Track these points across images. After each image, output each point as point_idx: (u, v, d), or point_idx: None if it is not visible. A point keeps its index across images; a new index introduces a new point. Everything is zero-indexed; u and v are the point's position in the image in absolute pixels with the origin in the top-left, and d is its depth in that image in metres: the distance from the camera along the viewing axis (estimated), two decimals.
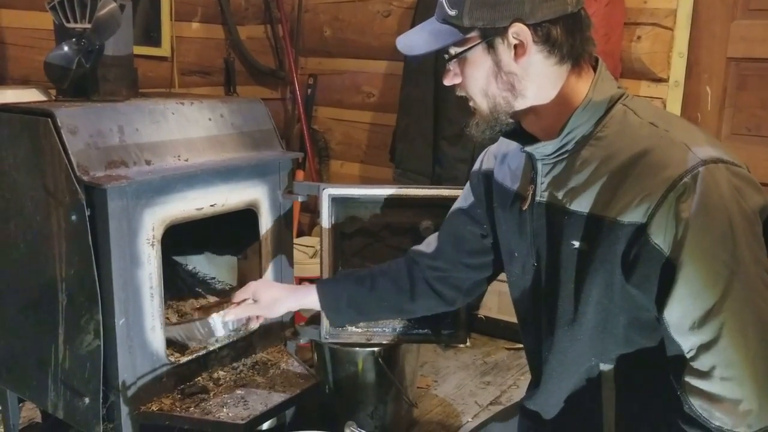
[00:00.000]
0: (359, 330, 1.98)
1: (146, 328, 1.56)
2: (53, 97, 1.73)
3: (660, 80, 2.68)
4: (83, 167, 1.44)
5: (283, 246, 1.90)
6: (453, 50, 1.15)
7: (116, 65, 1.69)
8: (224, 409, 1.59)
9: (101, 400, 1.50)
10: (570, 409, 1.24)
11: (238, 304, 1.59)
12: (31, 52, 2.55)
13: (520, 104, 1.15)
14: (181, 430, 1.67)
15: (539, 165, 1.18)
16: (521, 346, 2.87)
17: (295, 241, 2.35)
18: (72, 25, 1.60)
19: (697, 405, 1.02)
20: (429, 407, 2.43)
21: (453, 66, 1.18)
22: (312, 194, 1.91)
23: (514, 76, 1.12)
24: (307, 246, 3.09)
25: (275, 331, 1.91)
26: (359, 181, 3.58)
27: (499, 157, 1.35)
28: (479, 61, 1.13)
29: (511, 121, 1.18)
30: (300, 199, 1.88)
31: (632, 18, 2.67)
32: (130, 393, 1.54)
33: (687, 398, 1.03)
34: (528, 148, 1.17)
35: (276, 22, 3.59)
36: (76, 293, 1.50)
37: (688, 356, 1.03)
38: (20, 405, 1.92)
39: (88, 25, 1.58)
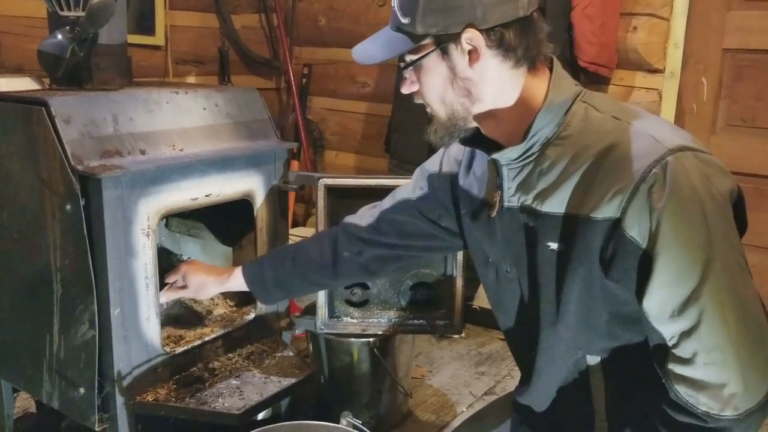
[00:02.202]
0: (355, 321, 1.98)
1: (141, 318, 1.55)
2: (47, 86, 1.72)
3: (656, 71, 2.68)
4: (77, 156, 1.43)
5: (278, 236, 1.89)
6: (408, 58, 1.14)
7: (110, 54, 1.68)
8: (220, 399, 1.59)
9: (96, 390, 1.50)
10: (560, 400, 1.25)
11: (170, 286, 1.66)
12: (25, 40, 2.53)
13: (478, 109, 1.14)
14: (177, 420, 1.67)
15: (505, 170, 1.17)
16: None
17: (290, 231, 2.35)
18: (65, 13, 1.59)
19: (683, 392, 1.03)
20: (424, 397, 2.44)
21: (409, 74, 1.16)
22: (307, 184, 1.90)
23: (470, 82, 1.11)
24: (302, 236, 3.09)
25: (270, 322, 1.91)
26: (354, 171, 3.58)
27: (464, 164, 1.34)
28: (434, 68, 1.12)
29: (471, 126, 1.18)
30: (295, 189, 1.88)
31: (628, 8, 2.66)
32: (125, 383, 1.54)
33: (672, 386, 1.04)
34: (495, 155, 1.15)
35: (270, 11, 3.57)
36: (70, 283, 1.50)
37: (670, 344, 1.03)
38: (15, 395, 1.91)
39: (82, 14, 1.56)
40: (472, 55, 1.09)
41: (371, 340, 2.07)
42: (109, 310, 1.48)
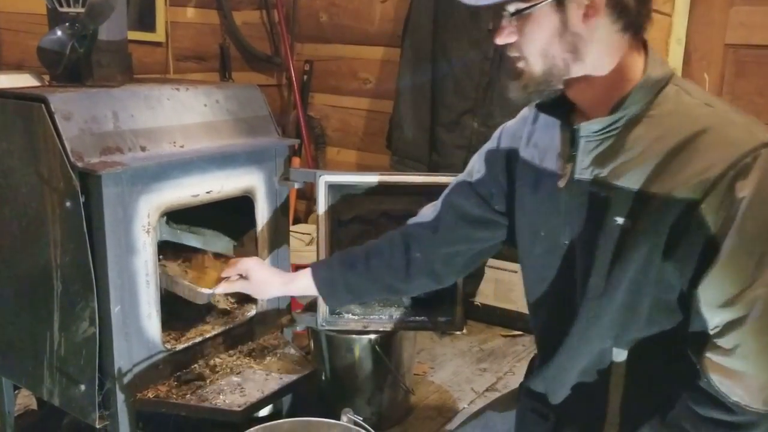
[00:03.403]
0: (356, 317, 1.98)
1: (142, 315, 1.55)
2: (47, 83, 1.71)
3: None
4: (77, 153, 1.42)
5: (279, 233, 1.89)
6: (516, 6, 1.08)
7: (110, 50, 1.67)
8: (221, 396, 1.59)
9: (97, 387, 1.50)
10: (576, 391, 1.24)
11: (229, 279, 1.59)
12: (25, 36, 2.53)
13: (577, 70, 1.11)
14: (178, 417, 1.67)
15: (582, 142, 1.15)
16: (517, 333, 2.92)
17: (292, 228, 2.34)
18: (65, 9, 1.58)
19: (717, 381, 1.03)
20: (425, 394, 2.44)
21: (509, 23, 1.10)
22: (308, 181, 1.90)
23: (579, 38, 1.07)
24: (304, 233, 3.09)
25: (272, 318, 1.91)
26: (356, 168, 3.57)
27: (524, 137, 1.32)
28: (544, 19, 1.07)
29: (560, 87, 1.14)
30: (296, 185, 1.88)
31: None
32: (126, 380, 1.54)
33: (707, 374, 1.04)
34: (580, 125, 1.13)
35: (272, 7, 3.56)
36: (71, 280, 1.50)
37: (712, 332, 1.04)
38: (16, 392, 1.91)
39: (82, 10, 1.56)
40: (589, 10, 1.06)
41: (373, 336, 2.07)
42: (109, 307, 1.48)
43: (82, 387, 1.52)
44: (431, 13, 2.94)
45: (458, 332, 2.75)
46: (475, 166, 1.45)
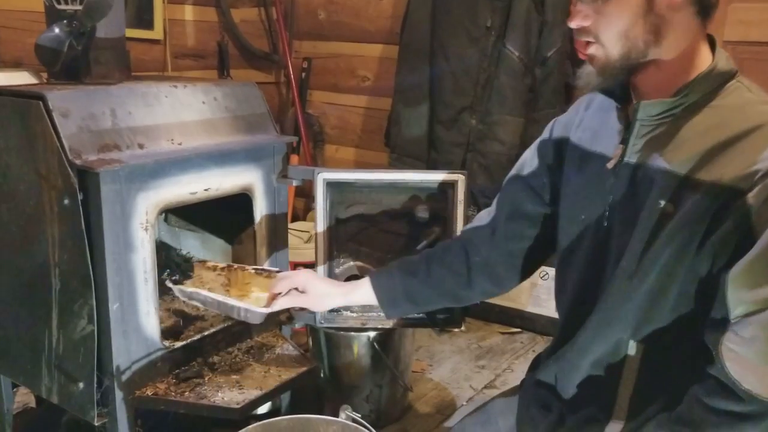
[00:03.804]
0: (354, 315, 1.97)
1: (141, 312, 1.55)
2: (45, 80, 1.71)
3: None
4: (75, 151, 1.42)
5: (277, 231, 1.89)
6: None
7: (108, 48, 1.67)
8: (219, 394, 1.59)
9: (95, 385, 1.50)
10: (586, 384, 1.25)
11: (286, 293, 1.48)
12: (22, 34, 2.52)
13: (654, 53, 1.11)
14: (176, 414, 1.67)
15: (637, 126, 1.15)
16: (516, 330, 2.92)
17: (290, 226, 2.34)
18: (63, 6, 1.58)
19: (730, 367, 1.03)
20: (424, 391, 2.44)
21: (584, 6, 1.10)
22: (307, 179, 1.89)
23: (662, 20, 1.08)
24: (302, 231, 3.09)
25: (270, 316, 1.90)
26: (354, 165, 3.57)
27: (576, 123, 1.32)
28: (629, 1, 1.08)
29: (634, 66, 1.14)
30: (295, 183, 1.87)
31: None
32: (124, 378, 1.54)
33: (721, 360, 1.04)
34: (642, 102, 1.13)
35: (270, 4, 3.56)
36: (69, 278, 1.50)
37: (733, 320, 1.04)
38: (14, 390, 1.91)
39: (80, 7, 1.56)
40: None
41: (371, 334, 2.07)
42: (108, 305, 1.48)
43: (81, 385, 1.52)
44: (429, 11, 2.94)
45: (457, 329, 2.74)
46: (527, 160, 1.43)
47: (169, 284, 1.59)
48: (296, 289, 1.48)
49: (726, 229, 1.05)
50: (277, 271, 1.58)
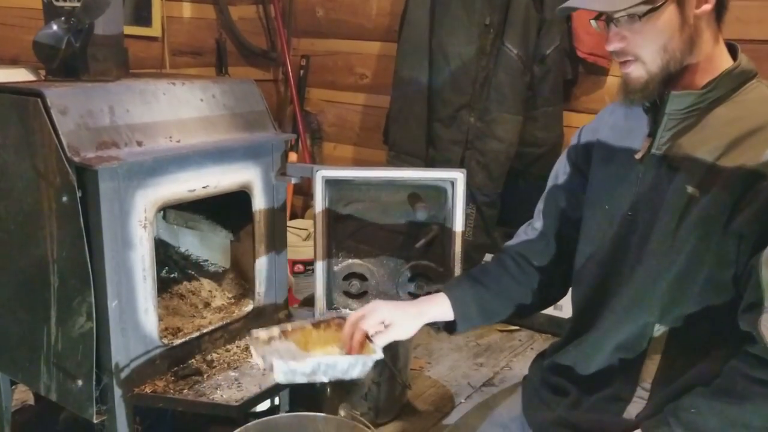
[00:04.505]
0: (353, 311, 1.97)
1: (139, 310, 1.55)
2: (43, 77, 1.71)
3: None
4: (74, 148, 1.42)
5: (276, 228, 1.89)
6: (638, 9, 1.13)
7: (106, 45, 1.67)
8: (218, 391, 1.59)
9: (94, 383, 1.50)
10: (609, 367, 1.27)
11: (377, 334, 1.35)
12: (20, 31, 2.52)
13: (688, 59, 1.17)
14: (175, 411, 1.67)
15: (665, 119, 1.20)
16: (514, 328, 2.92)
17: (288, 223, 2.34)
18: (61, 3, 1.58)
19: None
20: (422, 389, 2.44)
21: (621, 27, 1.16)
22: (305, 176, 1.89)
23: (695, 30, 1.15)
24: (301, 228, 3.09)
25: (269, 314, 1.91)
26: (352, 163, 3.57)
27: (604, 125, 1.36)
28: (668, 17, 1.14)
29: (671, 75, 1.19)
30: (293, 181, 1.87)
31: None
32: (123, 375, 1.54)
33: (764, 338, 1.05)
34: (672, 93, 1.18)
35: (268, 2, 3.55)
36: (68, 275, 1.49)
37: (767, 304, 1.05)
38: (13, 387, 1.91)
39: (78, 4, 1.55)
40: (703, 2, 1.14)
41: None
42: (106, 302, 1.47)
43: (80, 382, 1.52)
44: (427, 8, 2.93)
45: None
46: (560, 169, 1.46)
47: (269, 368, 1.30)
48: (383, 323, 1.36)
49: (752, 211, 1.08)
50: (336, 318, 1.46)
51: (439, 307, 1.41)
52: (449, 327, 1.43)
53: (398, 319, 1.36)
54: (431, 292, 1.94)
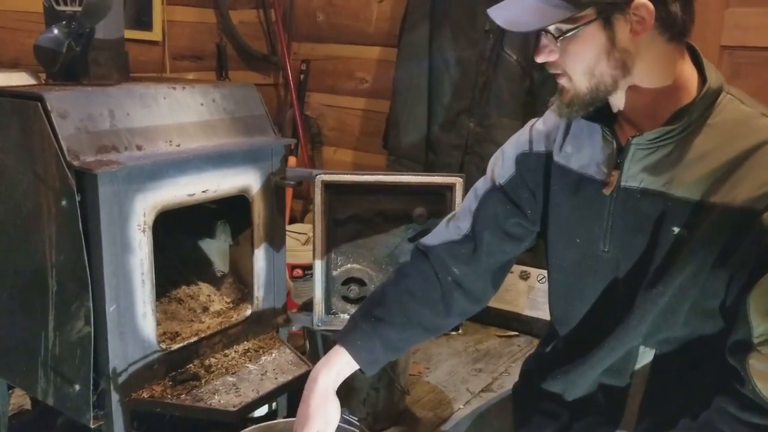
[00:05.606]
0: None
1: (137, 314, 1.55)
2: (43, 81, 1.71)
3: None
4: (73, 152, 1.42)
5: (275, 232, 1.89)
6: (561, 27, 1.05)
7: (107, 49, 1.67)
8: (216, 396, 1.59)
9: (92, 387, 1.49)
10: (596, 391, 1.25)
11: None
12: (21, 35, 2.52)
13: (626, 83, 1.09)
14: (173, 417, 1.66)
15: (632, 150, 1.12)
16: (513, 333, 2.92)
17: (288, 227, 2.34)
18: (62, 7, 1.58)
19: (761, 387, 1.03)
20: (421, 394, 2.44)
21: (550, 41, 1.08)
22: (305, 180, 1.89)
23: (628, 54, 1.06)
24: (300, 233, 3.08)
25: (267, 318, 1.90)
26: (352, 167, 3.57)
27: (558, 140, 1.26)
28: (591, 39, 1.05)
29: (608, 99, 1.12)
30: (293, 185, 1.87)
31: None
32: (120, 380, 1.53)
33: (752, 381, 1.03)
34: (636, 139, 1.11)
35: (269, 6, 3.56)
36: (66, 279, 1.49)
37: (756, 340, 1.03)
38: (9, 392, 1.91)
39: (79, 8, 1.55)
40: (638, 26, 1.04)
41: None
42: (104, 307, 1.47)
43: (77, 387, 1.52)
44: (428, 13, 2.94)
45: (454, 332, 2.76)
46: (499, 170, 1.35)
47: None
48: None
49: (743, 250, 1.04)
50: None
51: (345, 365, 1.33)
52: (360, 369, 1.35)
53: (333, 415, 1.33)
54: None
